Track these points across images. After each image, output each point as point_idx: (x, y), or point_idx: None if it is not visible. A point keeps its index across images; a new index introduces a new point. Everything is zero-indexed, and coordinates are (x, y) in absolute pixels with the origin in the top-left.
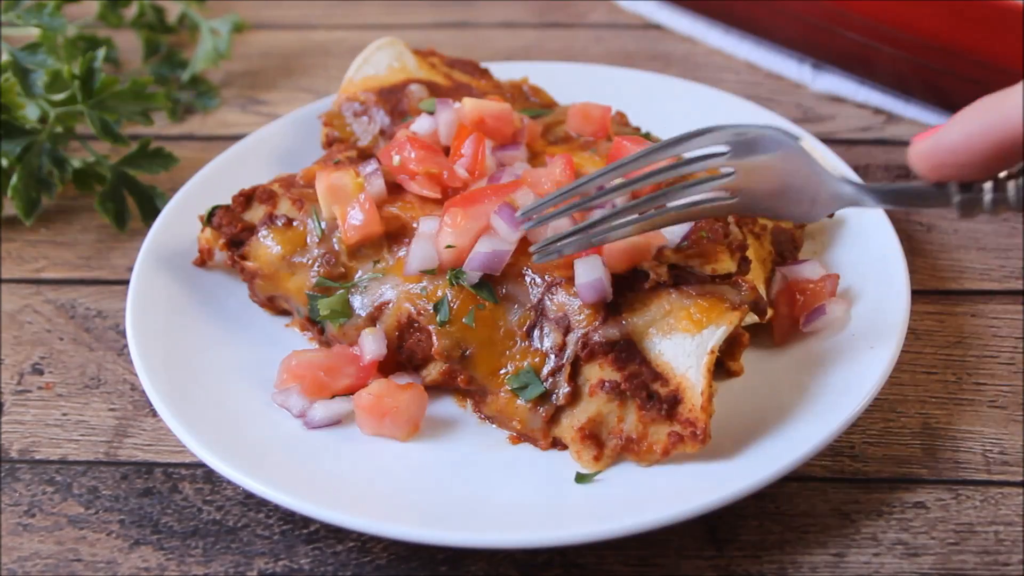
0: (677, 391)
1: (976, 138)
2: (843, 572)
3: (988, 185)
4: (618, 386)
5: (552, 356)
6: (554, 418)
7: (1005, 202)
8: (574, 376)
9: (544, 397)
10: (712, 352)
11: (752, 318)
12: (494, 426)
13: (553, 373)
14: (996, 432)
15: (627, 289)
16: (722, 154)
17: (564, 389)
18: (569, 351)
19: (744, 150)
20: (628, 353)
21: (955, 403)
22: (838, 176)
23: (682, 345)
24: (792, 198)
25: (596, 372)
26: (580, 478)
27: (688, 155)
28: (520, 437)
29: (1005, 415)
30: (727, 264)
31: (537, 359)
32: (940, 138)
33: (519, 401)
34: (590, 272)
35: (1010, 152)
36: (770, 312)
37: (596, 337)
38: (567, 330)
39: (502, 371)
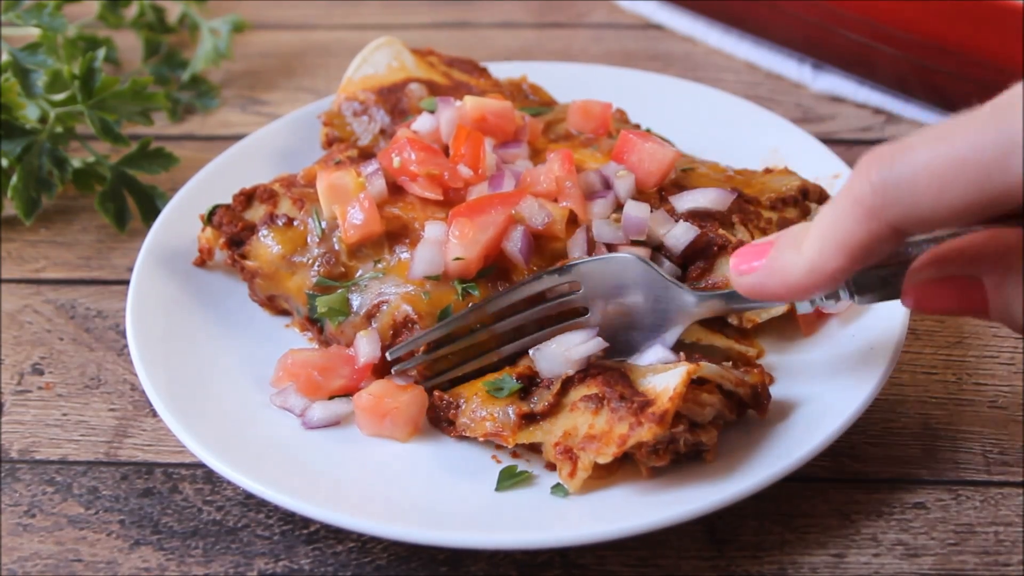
0: (653, 400)
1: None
2: (843, 572)
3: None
4: (598, 396)
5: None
6: (528, 420)
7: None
8: (561, 395)
9: (522, 396)
10: (691, 372)
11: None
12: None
13: (537, 385)
14: (996, 432)
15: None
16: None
17: (546, 400)
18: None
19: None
20: (619, 380)
21: (955, 403)
22: (681, 286)
23: (669, 374)
24: (639, 298)
25: (582, 391)
26: (556, 490)
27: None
28: (486, 436)
29: (1005, 415)
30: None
31: (525, 370)
32: (770, 273)
33: (493, 410)
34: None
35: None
36: (785, 308)
37: (595, 369)
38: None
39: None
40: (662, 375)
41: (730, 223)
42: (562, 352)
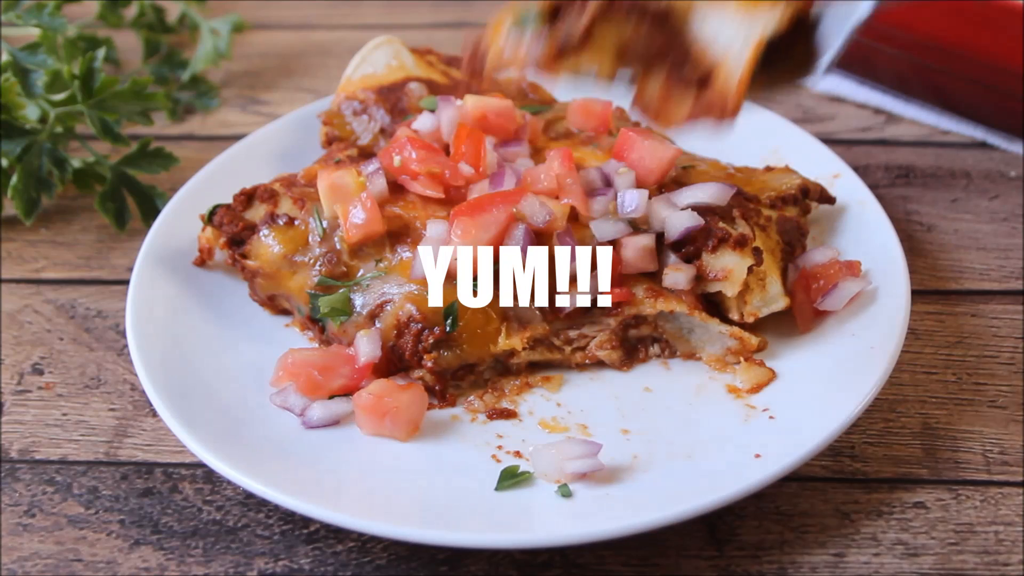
0: (711, 71)
1: None
2: (843, 572)
3: None
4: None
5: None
6: (563, 53)
7: None
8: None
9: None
10: (761, 39)
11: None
12: (496, 428)
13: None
14: (996, 432)
15: None
16: None
17: (579, 24)
18: None
19: None
20: (666, 23)
21: (955, 403)
22: None
23: (728, 23)
24: None
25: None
26: (560, 491)
27: None
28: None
29: (1005, 415)
30: (732, 259)
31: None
32: None
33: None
34: None
35: None
36: (787, 301)
37: None
38: None
39: None
40: (716, 20)
41: (731, 217)
42: None
